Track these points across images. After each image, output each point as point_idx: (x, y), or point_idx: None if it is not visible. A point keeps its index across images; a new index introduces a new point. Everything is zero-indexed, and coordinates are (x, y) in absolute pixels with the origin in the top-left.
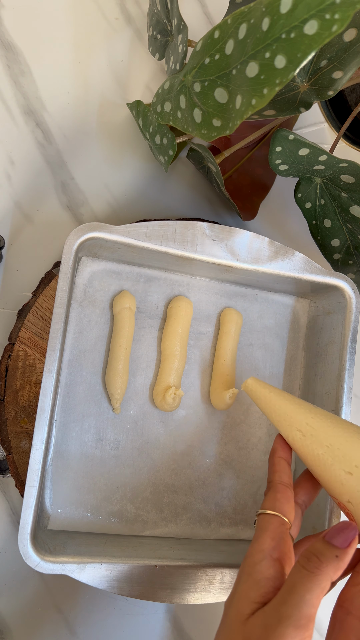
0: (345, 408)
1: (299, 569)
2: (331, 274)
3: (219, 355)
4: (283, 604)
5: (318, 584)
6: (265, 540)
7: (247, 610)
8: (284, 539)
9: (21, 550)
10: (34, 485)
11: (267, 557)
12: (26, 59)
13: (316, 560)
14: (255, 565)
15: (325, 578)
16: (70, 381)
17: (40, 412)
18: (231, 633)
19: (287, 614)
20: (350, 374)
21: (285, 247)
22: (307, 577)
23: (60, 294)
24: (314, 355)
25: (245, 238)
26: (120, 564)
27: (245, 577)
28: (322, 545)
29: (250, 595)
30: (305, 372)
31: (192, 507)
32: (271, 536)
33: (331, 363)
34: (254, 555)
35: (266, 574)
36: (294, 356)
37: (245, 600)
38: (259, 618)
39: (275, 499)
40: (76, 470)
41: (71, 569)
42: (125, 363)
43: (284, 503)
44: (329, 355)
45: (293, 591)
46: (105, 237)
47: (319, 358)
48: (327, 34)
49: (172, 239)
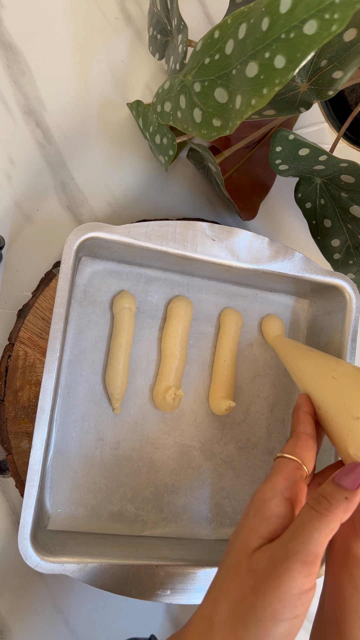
0: None
1: (308, 510)
2: (331, 274)
3: (219, 356)
4: (291, 540)
5: (327, 524)
6: (278, 480)
7: (254, 544)
8: (298, 483)
9: (21, 550)
10: (34, 485)
11: (278, 495)
12: (26, 59)
13: (325, 502)
14: (265, 502)
15: (334, 519)
16: (70, 381)
17: (40, 412)
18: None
19: (295, 549)
20: None
21: (285, 247)
22: (317, 518)
23: (60, 294)
24: None
25: (245, 238)
26: (120, 563)
27: (254, 512)
28: (331, 487)
29: (258, 530)
30: None
31: (192, 507)
32: (285, 477)
33: None
34: (265, 491)
35: (276, 512)
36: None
37: (253, 535)
38: (266, 552)
39: (297, 445)
40: (76, 470)
41: (71, 569)
42: (125, 363)
43: (304, 450)
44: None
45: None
46: (105, 237)
47: None
48: (327, 33)
49: (172, 239)
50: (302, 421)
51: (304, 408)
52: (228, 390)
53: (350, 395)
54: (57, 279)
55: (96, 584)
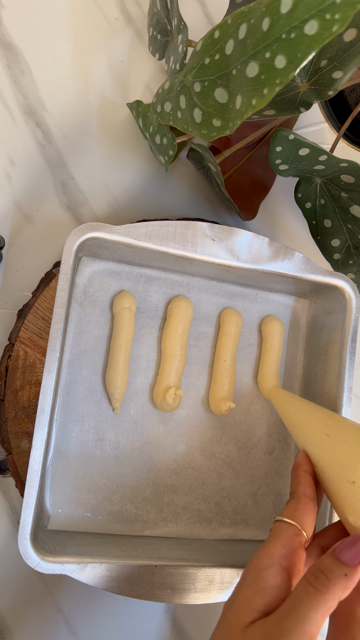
0: (345, 408)
1: (305, 585)
2: (331, 274)
3: (219, 356)
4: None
5: (324, 602)
6: (276, 547)
7: (248, 617)
8: (296, 550)
9: (21, 550)
10: (34, 485)
11: (275, 564)
12: (26, 59)
13: (324, 578)
14: (262, 570)
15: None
16: (70, 381)
17: (40, 412)
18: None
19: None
20: (350, 374)
21: (285, 247)
22: (314, 595)
23: (60, 294)
24: (314, 355)
25: (245, 238)
26: (120, 563)
27: (249, 581)
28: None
29: (253, 602)
30: (305, 372)
31: (192, 507)
32: (283, 544)
33: (331, 363)
34: (262, 559)
35: (272, 582)
36: (294, 356)
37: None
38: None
39: (296, 508)
40: (76, 470)
41: (71, 569)
42: (125, 363)
43: (304, 514)
44: (329, 355)
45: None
46: (105, 237)
47: (319, 358)
48: (328, 34)
49: (172, 239)
50: (303, 482)
51: (303, 467)
52: (228, 391)
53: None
54: (57, 279)
55: (96, 583)
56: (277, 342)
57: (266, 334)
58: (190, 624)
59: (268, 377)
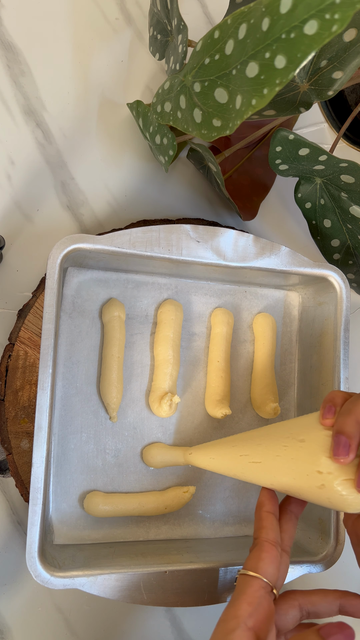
0: None
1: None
2: (319, 265)
3: (212, 358)
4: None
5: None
6: (241, 605)
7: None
8: (262, 605)
9: (30, 569)
10: (38, 503)
11: (240, 626)
12: (26, 59)
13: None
14: (227, 634)
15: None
16: (65, 394)
17: (37, 430)
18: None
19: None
20: (345, 364)
21: (271, 243)
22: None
23: (48, 309)
24: (308, 347)
25: (230, 237)
26: (131, 572)
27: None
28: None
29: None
30: (300, 364)
31: (194, 507)
32: (248, 600)
33: (326, 354)
34: (227, 621)
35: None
36: (288, 349)
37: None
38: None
39: (260, 558)
40: (78, 482)
41: (82, 583)
42: (119, 372)
43: (268, 563)
44: (323, 346)
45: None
46: (89, 247)
47: (313, 350)
48: (327, 34)
49: (156, 244)
50: (265, 525)
51: (265, 507)
52: (223, 392)
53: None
54: None
55: (108, 595)
56: (269, 338)
57: (258, 332)
58: (190, 624)
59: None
